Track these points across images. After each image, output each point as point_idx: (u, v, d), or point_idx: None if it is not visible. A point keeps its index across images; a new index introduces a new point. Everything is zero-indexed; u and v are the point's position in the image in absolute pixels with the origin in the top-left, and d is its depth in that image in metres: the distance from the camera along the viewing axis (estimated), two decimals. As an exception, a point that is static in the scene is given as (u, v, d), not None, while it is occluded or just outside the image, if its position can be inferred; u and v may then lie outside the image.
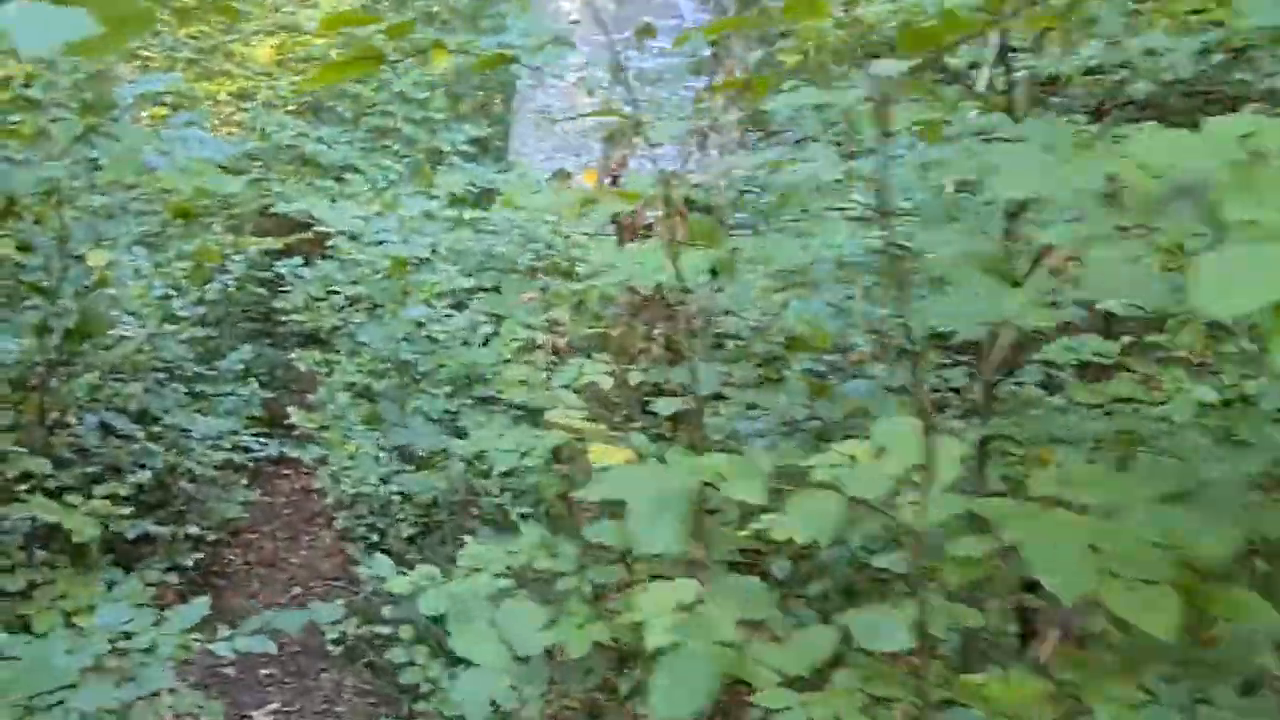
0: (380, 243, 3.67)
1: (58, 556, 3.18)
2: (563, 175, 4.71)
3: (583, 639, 2.54)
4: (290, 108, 8.66)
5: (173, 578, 5.18)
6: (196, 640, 2.69)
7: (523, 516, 4.55)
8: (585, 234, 4.00)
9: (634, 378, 2.91)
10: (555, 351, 3.14)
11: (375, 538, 5.80)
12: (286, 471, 8.35)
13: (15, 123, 2.68)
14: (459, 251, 3.22)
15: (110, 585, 3.18)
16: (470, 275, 3.49)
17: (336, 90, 8.52)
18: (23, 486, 3.16)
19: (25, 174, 3.12)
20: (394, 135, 7.45)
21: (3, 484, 3.06)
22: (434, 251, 3.17)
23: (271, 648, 2.73)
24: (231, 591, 6.02)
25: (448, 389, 5.95)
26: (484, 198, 6.79)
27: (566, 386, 2.85)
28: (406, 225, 3.30)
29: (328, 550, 6.57)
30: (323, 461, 5.77)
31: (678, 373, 2.51)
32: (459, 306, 4.30)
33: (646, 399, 3.01)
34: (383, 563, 2.87)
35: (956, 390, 3.50)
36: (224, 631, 3.03)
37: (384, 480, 5.76)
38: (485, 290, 3.33)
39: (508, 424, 2.93)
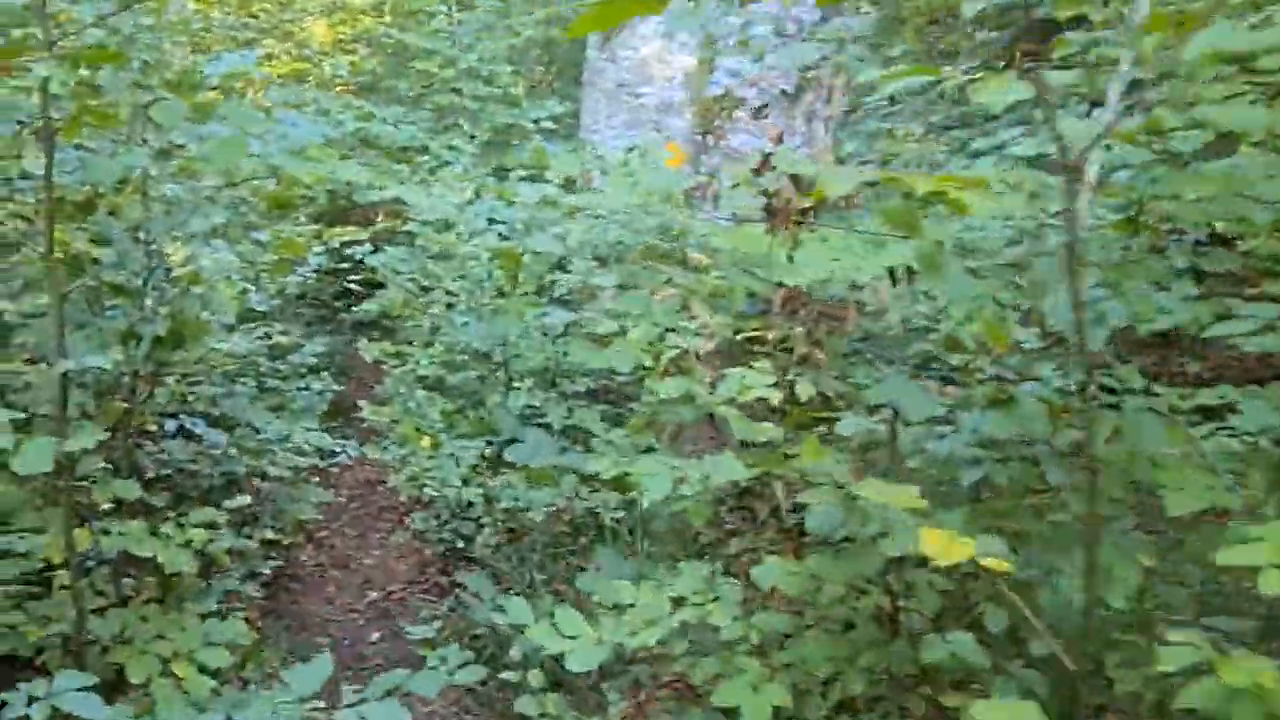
0: (485, 231, 3.29)
1: (147, 582, 2.85)
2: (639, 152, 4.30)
3: (761, 709, 2.15)
4: (349, 88, 8.30)
5: (251, 586, 4.88)
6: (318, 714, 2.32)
7: (641, 536, 4.18)
8: (702, 219, 3.59)
9: (804, 390, 2.51)
10: (697, 357, 2.74)
11: (459, 543, 5.47)
12: (349, 463, 8.07)
13: (100, 105, 2.31)
14: (582, 242, 2.83)
15: (205, 616, 2.85)
16: (596, 269, 3.10)
17: (397, 68, 8.14)
18: (108, 508, 2.82)
19: (110, 163, 2.76)
20: (462, 114, 7.07)
21: (92, 511, 2.74)
22: (564, 242, 2.78)
23: (405, 718, 2.35)
24: (306, 597, 5.71)
25: (528, 383, 5.60)
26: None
27: (731, 401, 2.45)
28: (526, 211, 2.91)
29: (402, 550, 6.25)
30: (403, 462, 5.44)
31: (874, 392, 2.10)
32: (562, 302, 3.94)
33: (816, 415, 2.61)
34: (518, 607, 2.50)
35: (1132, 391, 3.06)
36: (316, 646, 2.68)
37: (465, 481, 5.42)
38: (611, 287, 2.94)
39: (658, 452, 2.55)
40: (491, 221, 3.50)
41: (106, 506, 2.83)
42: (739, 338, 2.71)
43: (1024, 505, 2.20)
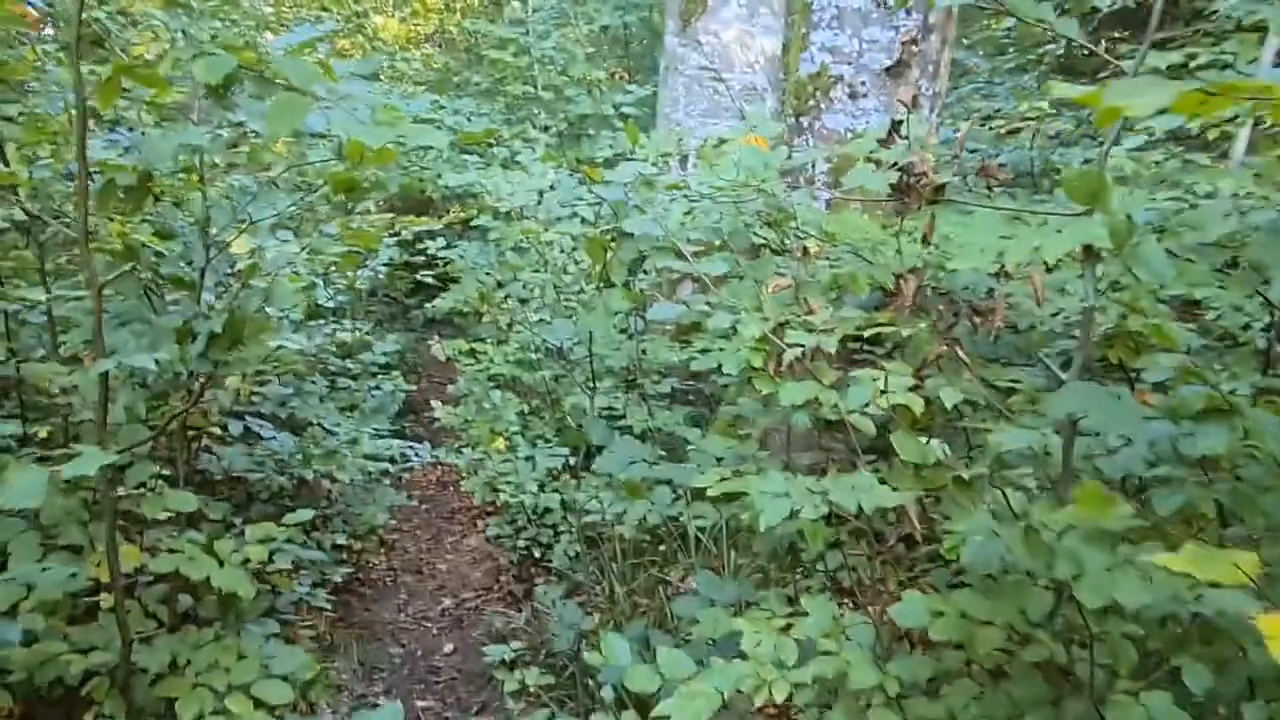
0: (568, 216, 2.95)
1: (205, 600, 2.57)
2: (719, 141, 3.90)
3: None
4: (420, 85, 8.07)
5: (320, 594, 4.63)
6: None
7: (728, 546, 3.82)
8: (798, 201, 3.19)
9: (948, 396, 2.11)
10: (822, 357, 2.35)
11: (535, 551, 5.16)
12: (421, 465, 7.83)
13: (139, 65, 2.02)
14: (683, 226, 2.47)
15: (268, 637, 2.57)
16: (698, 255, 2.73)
17: (469, 62, 7.86)
18: (164, 518, 2.55)
19: (164, 142, 2.48)
20: (536, 104, 6.77)
21: (147, 523, 2.47)
22: (663, 226, 2.42)
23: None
24: (378, 603, 5.46)
25: (605, 383, 5.27)
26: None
27: (863, 409, 2.07)
28: (617, 192, 2.55)
29: (475, 556, 5.97)
30: (476, 466, 5.15)
31: (1057, 401, 1.70)
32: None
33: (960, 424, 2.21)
34: (617, 646, 2.15)
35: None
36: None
37: (541, 486, 5.11)
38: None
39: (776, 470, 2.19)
40: (576, 207, 3.17)
41: (163, 516, 2.56)
42: (868, 335, 2.32)
43: (1250, 536, 1.78)
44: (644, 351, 5.07)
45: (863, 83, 4.53)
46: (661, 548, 4.84)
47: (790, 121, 4.83)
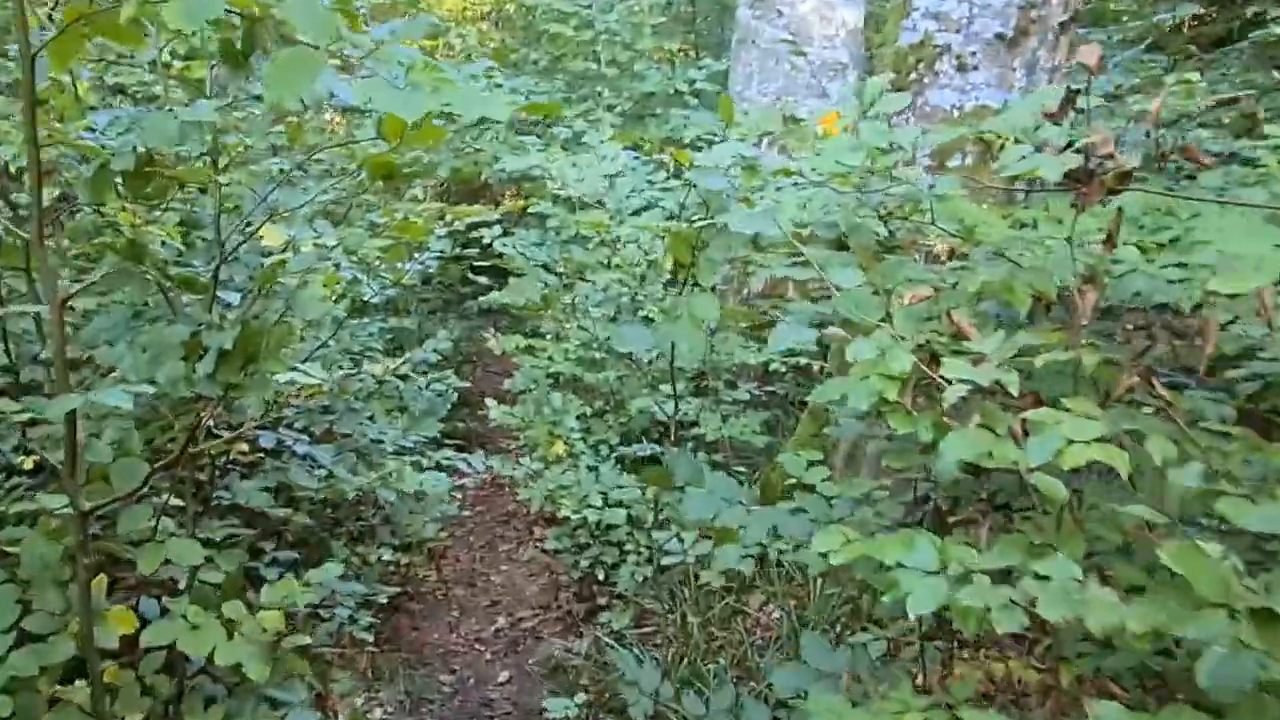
0: (645, 207, 2.48)
1: (215, 666, 2.14)
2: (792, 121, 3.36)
3: None
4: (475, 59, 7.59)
5: (363, 619, 4.20)
6: None
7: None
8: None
9: (1160, 449, 1.58)
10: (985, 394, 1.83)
11: (600, 574, 4.69)
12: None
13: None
14: (796, 221, 1.98)
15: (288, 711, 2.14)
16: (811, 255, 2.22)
17: (528, 39, 7.38)
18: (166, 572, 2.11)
19: (165, 119, 2.04)
20: (600, 81, 6.27)
21: (136, 584, 2.05)
22: (775, 221, 1.92)
23: None
24: (427, 622, 5.04)
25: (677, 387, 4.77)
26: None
27: (1053, 462, 1.55)
28: (713, 179, 2.07)
29: (532, 569, 5.53)
30: (534, 477, 4.70)
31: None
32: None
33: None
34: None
35: None
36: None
37: (606, 499, 4.65)
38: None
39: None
40: (651, 195, 2.69)
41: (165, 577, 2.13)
42: (1039, 363, 1.79)
43: None
44: (713, 349, 4.57)
45: (973, 53, 3.96)
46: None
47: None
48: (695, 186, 2.38)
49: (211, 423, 2.54)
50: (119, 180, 2.23)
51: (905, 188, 2.18)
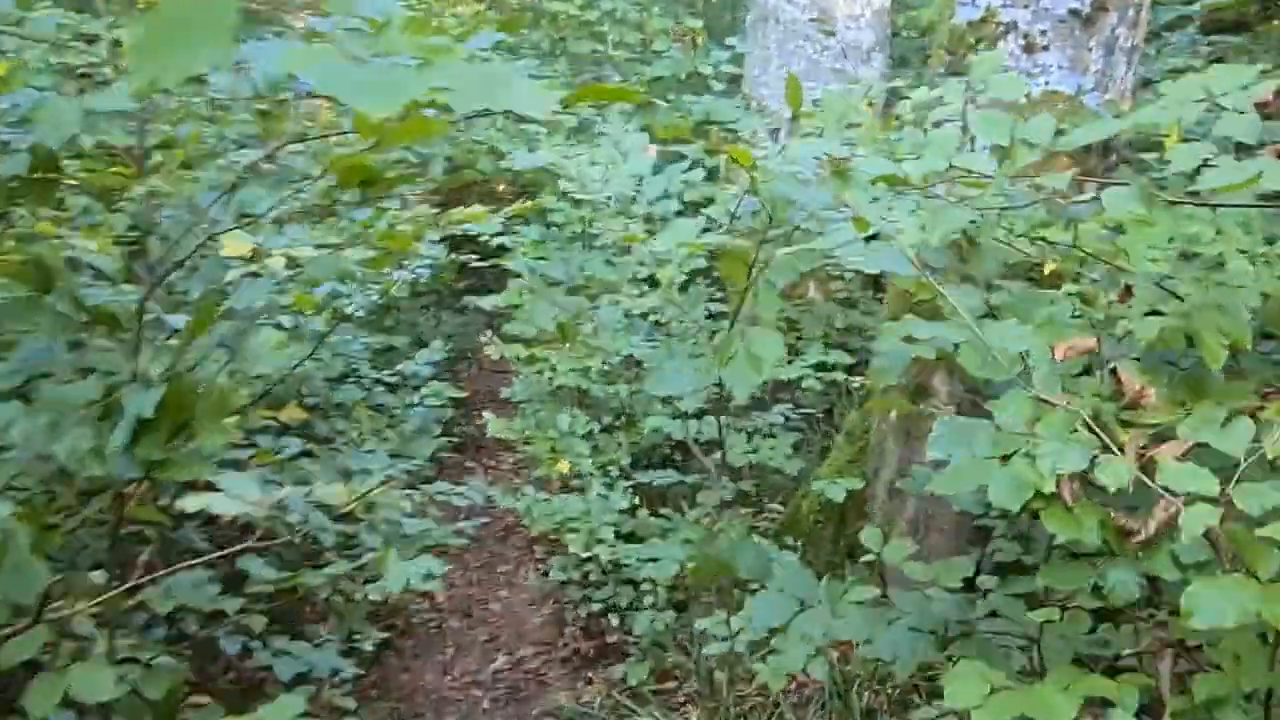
0: (672, 216, 1.97)
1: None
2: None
3: None
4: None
5: (347, 669, 3.67)
6: None
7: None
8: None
9: None
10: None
11: (613, 619, 4.17)
12: (470, 465, 6.88)
13: None
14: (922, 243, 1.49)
15: None
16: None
17: (530, 20, 6.79)
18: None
19: (66, 109, 1.51)
20: (607, 62, 5.70)
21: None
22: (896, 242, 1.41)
23: None
24: (419, 660, 4.53)
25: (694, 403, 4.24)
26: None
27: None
28: (786, 185, 1.55)
29: (533, 596, 5.01)
30: (535, 507, 4.17)
31: None
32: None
33: None
34: None
35: None
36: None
37: (618, 532, 4.13)
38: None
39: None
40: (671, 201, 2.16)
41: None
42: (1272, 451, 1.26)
43: None
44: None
45: (1042, 32, 3.43)
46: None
47: (937, 79, 3.75)
48: (753, 194, 1.85)
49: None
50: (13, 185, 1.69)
51: (1046, 201, 1.65)
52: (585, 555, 3.79)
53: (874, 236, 1.65)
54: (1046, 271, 2.13)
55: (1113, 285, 2.10)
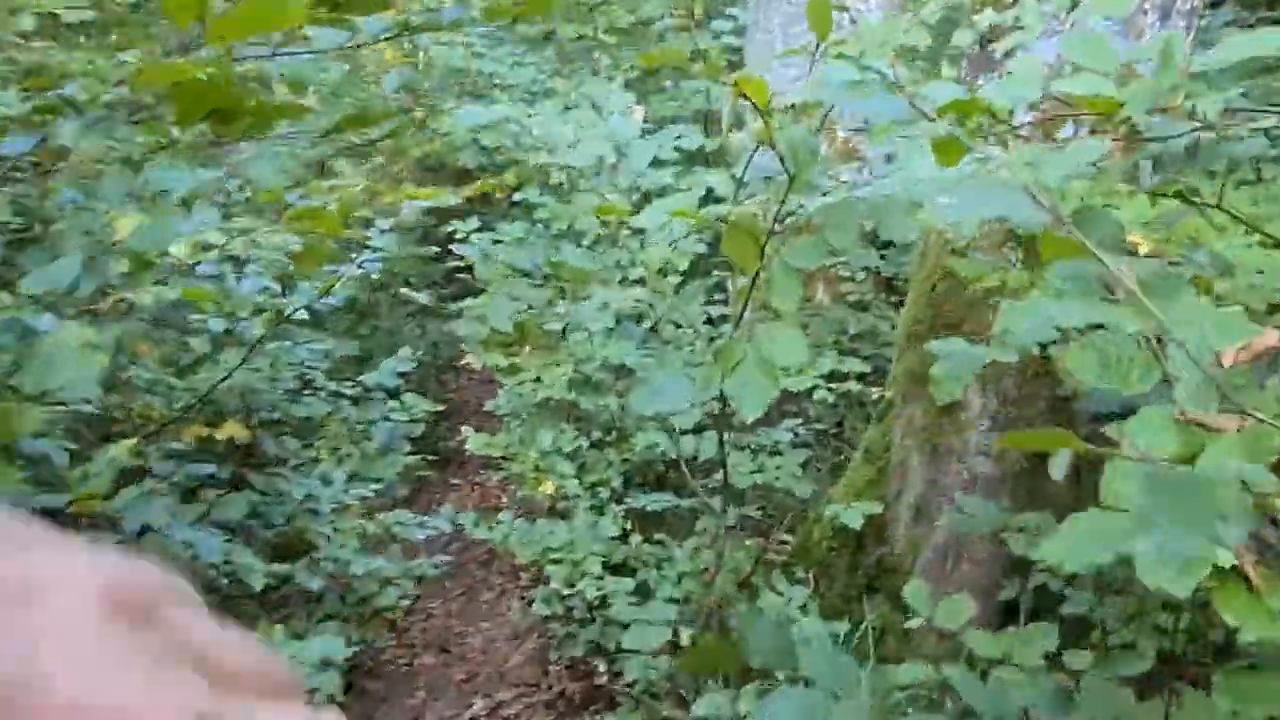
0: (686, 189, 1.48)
1: None
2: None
3: None
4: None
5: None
6: None
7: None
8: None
9: None
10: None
11: (601, 665, 3.67)
12: (456, 482, 6.38)
13: None
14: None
15: None
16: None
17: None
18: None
19: None
20: (600, 47, 5.23)
21: None
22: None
23: None
24: (389, 703, 4.02)
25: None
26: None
27: None
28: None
29: (517, 629, 4.50)
30: (519, 531, 3.68)
31: None
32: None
33: None
34: None
35: None
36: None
37: (606, 563, 3.63)
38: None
39: None
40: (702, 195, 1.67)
41: None
42: None
43: None
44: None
45: (1089, -10, 2.96)
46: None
47: (971, 51, 3.28)
48: (768, 147, 1.37)
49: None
50: None
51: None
52: (568, 591, 3.28)
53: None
54: (1141, 252, 1.64)
55: (1223, 269, 1.62)
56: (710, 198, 1.93)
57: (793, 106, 1.50)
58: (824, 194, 1.52)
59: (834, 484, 3.80)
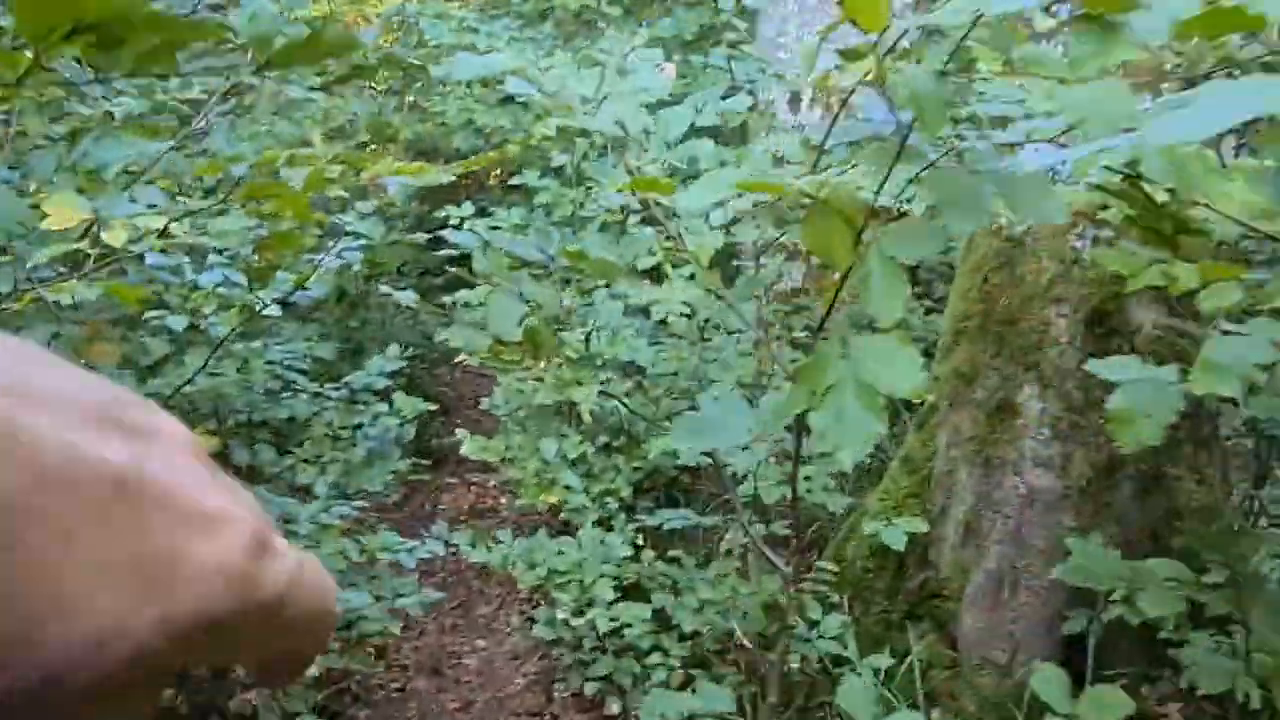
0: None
1: None
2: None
3: None
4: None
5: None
6: None
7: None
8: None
9: None
10: None
11: (614, 705, 3.30)
12: (453, 482, 5.99)
13: None
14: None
15: None
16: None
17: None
18: None
19: None
20: (603, 21, 4.82)
21: None
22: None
23: None
24: (376, 734, 3.66)
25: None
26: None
27: None
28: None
29: (517, 649, 4.14)
30: (515, 557, 3.30)
31: None
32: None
33: None
34: None
35: None
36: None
37: (618, 584, 3.26)
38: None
39: None
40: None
41: None
42: None
43: None
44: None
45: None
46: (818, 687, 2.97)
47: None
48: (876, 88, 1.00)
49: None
50: None
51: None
52: (577, 620, 2.91)
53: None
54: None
55: None
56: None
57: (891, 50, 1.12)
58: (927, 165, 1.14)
59: (869, 494, 3.44)
